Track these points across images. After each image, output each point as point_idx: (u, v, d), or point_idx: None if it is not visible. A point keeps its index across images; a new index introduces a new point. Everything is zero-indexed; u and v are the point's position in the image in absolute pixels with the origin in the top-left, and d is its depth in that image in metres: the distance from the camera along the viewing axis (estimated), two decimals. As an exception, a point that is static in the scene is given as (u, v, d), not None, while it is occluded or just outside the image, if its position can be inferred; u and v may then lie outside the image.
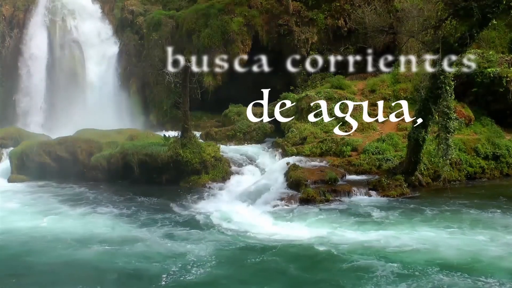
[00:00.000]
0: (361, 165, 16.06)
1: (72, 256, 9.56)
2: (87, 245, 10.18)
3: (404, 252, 9.51)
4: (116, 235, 10.84)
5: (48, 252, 9.77)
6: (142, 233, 11.00)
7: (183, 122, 16.49)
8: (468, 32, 12.73)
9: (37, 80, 26.44)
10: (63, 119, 24.12)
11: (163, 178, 16.16)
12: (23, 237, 10.73)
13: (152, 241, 10.40)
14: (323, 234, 10.63)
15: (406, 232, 10.69)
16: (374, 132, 18.50)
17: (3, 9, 27.55)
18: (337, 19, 24.98)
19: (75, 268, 8.97)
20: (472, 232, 10.58)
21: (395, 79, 21.00)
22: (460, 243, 9.93)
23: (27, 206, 13.65)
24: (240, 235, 10.72)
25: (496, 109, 19.04)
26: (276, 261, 9.17)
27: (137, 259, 9.35)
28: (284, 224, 11.53)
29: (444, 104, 13.32)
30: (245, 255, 9.49)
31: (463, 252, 9.41)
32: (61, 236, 10.81)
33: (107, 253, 9.67)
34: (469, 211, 12.21)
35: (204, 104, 24.97)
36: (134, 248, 9.92)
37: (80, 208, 13.36)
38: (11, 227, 11.59)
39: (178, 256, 9.52)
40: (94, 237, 10.70)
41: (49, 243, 10.37)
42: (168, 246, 10.08)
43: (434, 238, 10.24)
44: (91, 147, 17.75)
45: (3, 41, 27.20)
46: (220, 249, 9.84)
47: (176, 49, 26.46)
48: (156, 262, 9.22)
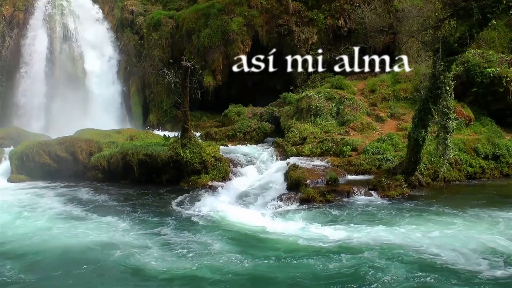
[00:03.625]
0: (361, 165, 16.07)
1: (72, 257, 9.55)
2: (87, 245, 10.17)
3: (404, 252, 9.51)
4: (116, 235, 10.83)
5: (48, 252, 9.75)
6: (142, 234, 10.99)
7: (183, 122, 16.49)
8: (468, 32, 12.72)
9: (37, 80, 26.49)
10: (63, 119, 24.12)
11: (163, 178, 16.16)
12: (23, 237, 10.71)
13: (152, 241, 10.40)
14: (323, 234, 10.62)
15: (406, 232, 10.68)
16: (374, 132, 18.51)
17: (3, 9, 27.57)
18: (337, 19, 25.02)
19: (75, 268, 8.95)
20: (472, 232, 10.58)
21: (395, 79, 21.03)
22: (461, 243, 9.93)
23: (26, 206, 13.63)
24: (240, 236, 10.71)
25: (496, 109, 19.06)
26: (276, 261, 9.17)
27: (137, 259, 9.35)
28: (284, 224, 11.52)
29: (444, 104, 13.31)
30: (245, 255, 9.48)
31: (463, 252, 9.42)
32: (61, 236, 10.81)
33: (107, 253, 9.66)
34: (469, 211, 12.20)
35: (204, 104, 25.01)
36: (133, 248, 9.91)
37: (79, 208, 13.34)
38: (11, 227, 11.58)
39: (178, 256, 9.52)
40: (94, 237, 10.69)
41: (49, 243, 10.36)
42: (167, 246, 10.07)
43: (434, 238, 10.24)
44: (91, 147, 17.77)
45: (3, 41, 27.22)
46: (220, 249, 9.84)
47: (176, 49, 26.58)
48: (156, 262, 9.22)
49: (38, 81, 26.46)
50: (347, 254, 9.35)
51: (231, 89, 24.90)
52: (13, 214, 12.70)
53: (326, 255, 9.36)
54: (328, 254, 9.41)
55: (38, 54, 26.76)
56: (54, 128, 23.01)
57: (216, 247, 9.99)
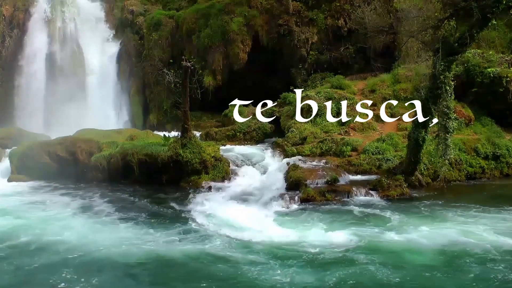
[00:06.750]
0: (361, 165, 16.07)
1: (71, 256, 9.54)
2: (86, 245, 10.16)
3: (405, 252, 9.51)
4: (116, 236, 10.83)
5: (48, 253, 9.74)
6: (142, 234, 10.99)
7: (183, 122, 16.48)
8: (468, 32, 12.73)
9: (37, 80, 26.48)
10: (63, 119, 24.10)
11: (163, 178, 16.15)
12: (22, 237, 10.70)
13: (152, 241, 10.40)
14: (323, 234, 10.62)
15: (406, 232, 10.69)
16: (374, 132, 18.51)
17: (3, 9, 27.57)
18: (337, 19, 25.01)
19: (75, 268, 8.95)
20: (472, 232, 10.58)
21: (395, 79, 21.03)
22: (461, 242, 9.93)
23: (26, 206, 13.62)
24: (240, 236, 10.69)
25: (496, 109, 19.06)
26: (276, 261, 9.16)
27: (136, 259, 9.35)
28: (284, 224, 11.52)
29: (444, 104, 13.32)
30: (244, 255, 9.48)
31: (464, 252, 9.41)
32: (61, 236, 10.79)
33: (106, 253, 9.66)
34: (469, 211, 12.21)
35: (204, 104, 25.01)
36: (133, 249, 9.91)
37: (79, 208, 13.34)
38: (10, 227, 11.58)
39: (177, 256, 9.52)
40: (93, 237, 10.69)
41: (49, 243, 10.35)
42: (167, 247, 10.07)
43: (434, 238, 10.24)
44: (91, 147, 17.74)
45: (3, 41, 27.21)
46: (220, 250, 9.83)
47: (176, 49, 26.57)
48: (155, 262, 9.22)
49: (38, 81, 26.45)
50: (347, 255, 9.35)
51: (231, 89, 24.87)
52: (12, 214, 12.69)
53: (326, 255, 9.37)
54: (328, 254, 9.41)
55: (38, 54, 26.76)
56: (54, 128, 22.97)
57: (216, 247, 9.99)
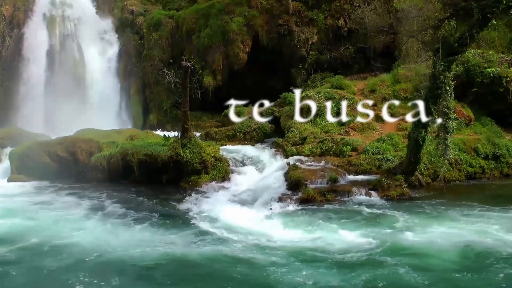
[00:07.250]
0: (361, 165, 16.07)
1: (87, 258, 9.48)
2: (101, 246, 10.13)
3: (405, 252, 9.51)
4: (116, 236, 10.83)
5: (62, 254, 9.70)
6: (142, 234, 11.00)
7: (183, 122, 16.48)
8: (468, 32, 12.73)
9: (37, 80, 26.46)
10: (63, 119, 24.11)
11: (163, 178, 16.15)
12: (34, 239, 10.67)
13: (152, 241, 10.40)
14: (323, 234, 10.62)
15: (406, 232, 10.69)
16: (374, 132, 18.51)
17: (3, 9, 27.56)
18: (337, 19, 25.01)
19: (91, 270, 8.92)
20: (486, 231, 10.57)
21: (395, 79, 21.03)
22: (461, 242, 9.93)
23: (34, 206, 13.61)
24: (239, 236, 10.69)
25: (496, 109, 19.06)
26: (275, 261, 9.16)
27: (136, 259, 9.35)
28: (284, 224, 11.52)
29: (444, 104, 13.32)
30: (244, 255, 9.48)
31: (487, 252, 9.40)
32: (74, 237, 10.75)
33: (122, 255, 9.62)
34: (469, 211, 12.20)
35: (204, 104, 25.01)
36: (132, 249, 9.91)
37: (79, 208, 13.33)
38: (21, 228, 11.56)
39: (177, 256, 9.52)
40: (107, 238, 10.66)
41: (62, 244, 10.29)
42: (166, 247, 10.07)
43: (450, 238, 10.21)
44: (91, 147, 17.74)
45: (3, 41, 27.21)
46: (219, 250, 9.83)
47: (176, 49, 26.58)
48: (155, 262, 9.22)
49: (38, 81, 26.44)
50: (347, 255, 9.35)
51: (231, 89, 24.86)
52: (12, 214, 12.68)
53: (326, 255, 9.37)
54: (328, 254, 9.41)
55: (38, 54, 26.75)
56: (54, 128, 22.98)
57: (216, 247, 9.99)
